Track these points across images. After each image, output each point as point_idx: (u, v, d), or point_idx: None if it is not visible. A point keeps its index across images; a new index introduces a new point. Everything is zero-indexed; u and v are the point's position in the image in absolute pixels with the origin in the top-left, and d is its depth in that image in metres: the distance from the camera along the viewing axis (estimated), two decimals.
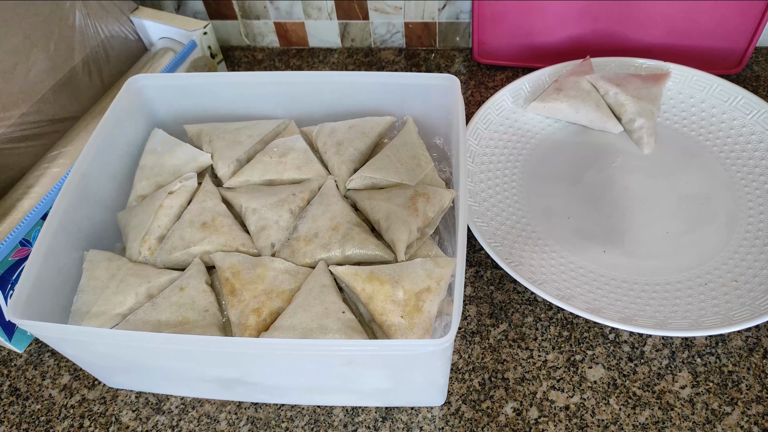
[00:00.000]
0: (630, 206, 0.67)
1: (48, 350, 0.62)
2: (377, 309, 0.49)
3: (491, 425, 0.54)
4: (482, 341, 0.60)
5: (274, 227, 0.55)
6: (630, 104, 0.72)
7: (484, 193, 0.69)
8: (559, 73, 0.78)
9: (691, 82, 0.76)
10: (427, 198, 0.55)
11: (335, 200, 0.57)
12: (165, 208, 0.57)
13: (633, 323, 0.55)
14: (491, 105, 0.75)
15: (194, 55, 0.79)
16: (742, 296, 0.58)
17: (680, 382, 0.56)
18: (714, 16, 0.78)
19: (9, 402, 0.59)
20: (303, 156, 0.60)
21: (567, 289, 0.59)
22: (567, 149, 0.74)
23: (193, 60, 0.79)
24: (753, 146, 0.70)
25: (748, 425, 0.53)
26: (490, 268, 0.65)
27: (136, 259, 0.55)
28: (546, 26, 0.83)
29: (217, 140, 0.62)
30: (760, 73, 0.83)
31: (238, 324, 0.50)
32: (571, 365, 0.58)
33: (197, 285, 0.52)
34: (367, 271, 0.50)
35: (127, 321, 0.50)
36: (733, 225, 0.65)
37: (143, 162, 0.61)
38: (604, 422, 0.54)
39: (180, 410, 0.57)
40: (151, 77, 0.63)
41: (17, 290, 0.48)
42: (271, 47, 0.95)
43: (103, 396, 0.58)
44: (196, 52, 0.79)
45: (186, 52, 0.77)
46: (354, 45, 0.93)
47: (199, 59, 0.80)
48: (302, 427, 0.55)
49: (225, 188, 0.60)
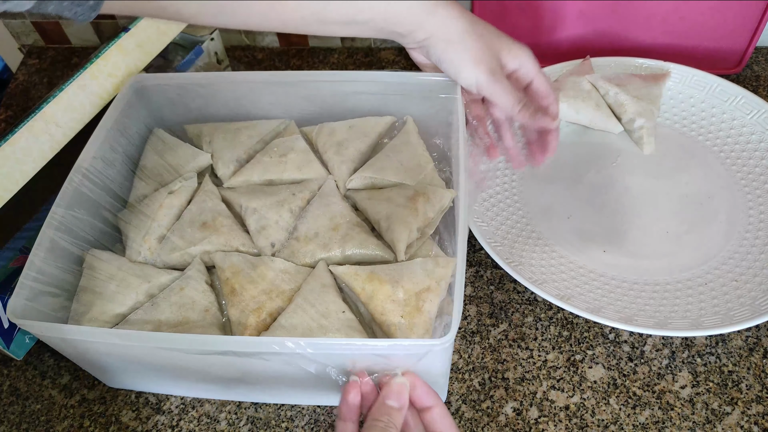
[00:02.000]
0: (630, 206, 0.67)
1: (48, 350, 0.62)
2: (377, 309, 0.49)
3: (491, 425, 0.54)
4: (482, 341, 0.60)
5: (274, 227, 0.55)
6: (630, 104, 0.72)
7: (484, 193, 0.69)
8: (559, 73, 0.78)
9: (691, 82, 0.76)
10: (427, 198, 0.55)
11: (335, 200, 0.57)
12: (165, 208, 0.57)
13: (633, 323, 0.55)
14: None
15: (201, 61, 0.79)
16: (742, 296, 0.58)
17: (680, 382, 0.56)
18: (714, 16, 0.78)
19: (9, 402, 0.59)
20: (303, 156, 0.60)
21: (567, 289, 0.59)
22: (567, 149, 0.74)
23: (200, 66, 0.79)
24: (753, 146, 0.70)
25: (748, 425, 0.53)
26: (490, 268, 0.65)
27: (136, 259, 0.55)
28: (546, 26, 0.83)
29: (217, 140, 0.62)
30: (760, 73, 0.83)
31: (238, 324, 0.50)
32: (571, 365, 0.58)
33: (197, 285, 0.52)
34: (367, 271, 0.50)
35: (127, 321, 0.50)
36: (733, 225, 0.65)
37: (143, 162, 0.61)
38: (604, 422, 0.54)
39: (180, 410, 0.57)
40: (152, 77, 0.63)
41: (17, 290, 0.48)
42: (271, 47, 0.95)
43: (103, 396, 0.58)
44: (202, 59, 0.79)
45: (192, 58, 0.77)
46: (354, 45, 0.93)
47: (206, 66, 0.80)
48: (302, 427, 0.55)
49: (225, 188, 0.60)
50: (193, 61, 0.77)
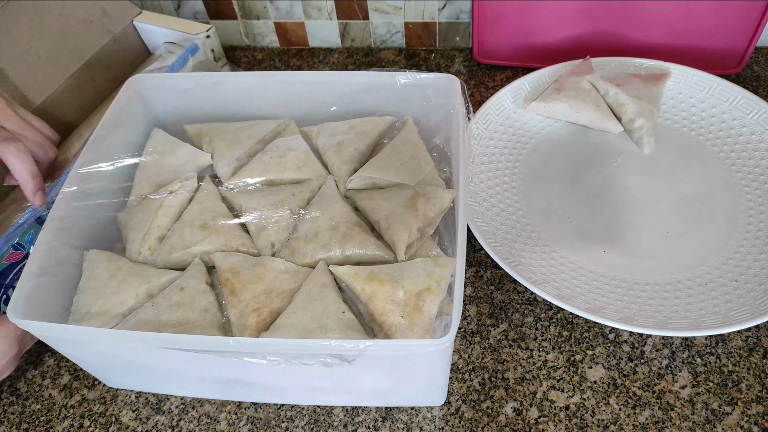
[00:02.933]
0: (630, 206, 0.67)
1: (48, 350, 0.62)
2: (377, 309, 0.49)
3: (491, 425, 0.54)
4: (482, 341, 0.60)
5: (274, 227, 0.55)
6: (630, 104, 0.72)
7: (484, 193, 0.69)
8: (559, 73, 0.78)
9: (691, 82, 0.76)
10: (427, 198, 0.55)
11: (335, 200, 0.57)
12: (165, 208, 0.57)
13: (633, 323, 0.55)
14: (491, 105, 0.75)
15: (197, 58, 0.79)
16: (742, 296, 0.58)
17: (680, 382, 0.56)
18: (714, 16, 0.78)
19: (9, 402, 0.59)
20: (303, 156, 0.60)
21: (567, 289, 0.59)
22: (567, 149, 0.74)
23: (196, 64, 0.79)
24: (753, 146, 0.70)
25: (748, 425, 0.53)
26: (490, 268, 0.65)
27: (136, 259, 0.55)
28: (546, 26, 0.83)
29: (217, 140, 0.62)
30: (760, 73, 0.83)
31: (238, 324, 0.50)
32: (571, 365, 0.58)
33: (197, 285, 0.52)
34: (367, 271, 0.50)
35: (127, 321, 0.50)
36: (733, 225, 0.65)
37: (143, 162, 0.61)
38: (604, 422, 0.54)
39: (180, 410, 0.57)
40: (151, 77, 0.63)
41: (17, 290, 0.48)
42: (271, 47, 0.95)
43: (103, 396, 0.58)
44: (198, 55, 0.79)
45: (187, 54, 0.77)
46: (354, 45, 0.93)
47: (202, 63, 0.80)
48: (302, 427, 0.55)
49: (225, 188, 0.60)
50: (188, 58, 0.77)
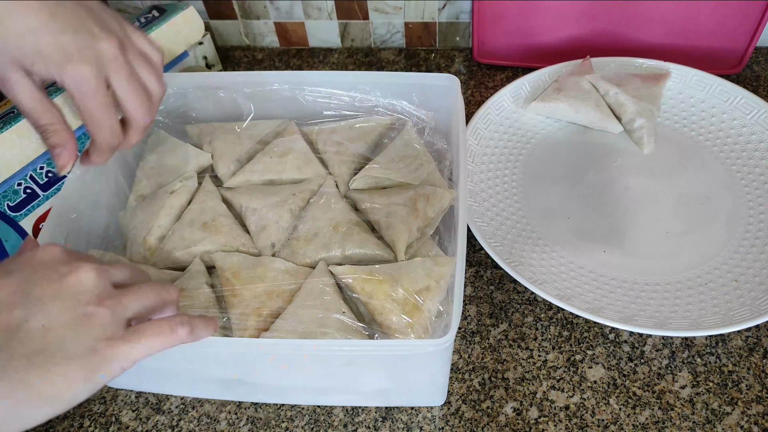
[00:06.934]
0: (630, 206, 0.67)
1: None
2: (377, 308, 0.49)
3: (491, 425, 0.54)
4: (482, 341, 0.60)
5: (274, 227, 0.55)
6: (630, 104, 0.72)
7: (484, 193, 0.69)
8: (559, 73, 0.78)
9: (691, 82, 0.76)
10: (427, 198, 0.55)
11: (335, 200, 0.57)
12: (165, 209, 0.57)
13: (633, 323, 0.55)
14: (491, 105, 0.75)
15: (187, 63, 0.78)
16: (742, 296, 0.58)
17: (680, 382, 0.56)
18: (714, 16, 0.78)
19: None
20: (303, 156, 0.60)
21: (567, 289, 0.59)
22: (567, 149, 0.74)
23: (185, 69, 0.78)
24: (753, 146, 0.70)
25: (748, 425, 0.53)
26: (490, 268, 0.65)
27: (136, 259, 0.55)
28: (546, 26, 0.83)
29: (217, 140, 0.62)
30: (760, 73, 0.83)
31: (239, 324, 0.50)
32: (571, 365, 0.58)
33: (197, 285, 0.52)
34: (366, 271, 0.50)
35: None
36: (733, 225, 0.65)
37: (143, 162, 0.61)
38: (604, 422, 0.54)
39: (180, 410, 0.57)
40: None
41: None
42: (271, 47, 0.95)
43: (103, 396, 0.58)
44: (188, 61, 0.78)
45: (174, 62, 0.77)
46: (354, 45, 0.93)
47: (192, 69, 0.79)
48: (302, 427, 0.55)
49: (225, 188, 0.60)
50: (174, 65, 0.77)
